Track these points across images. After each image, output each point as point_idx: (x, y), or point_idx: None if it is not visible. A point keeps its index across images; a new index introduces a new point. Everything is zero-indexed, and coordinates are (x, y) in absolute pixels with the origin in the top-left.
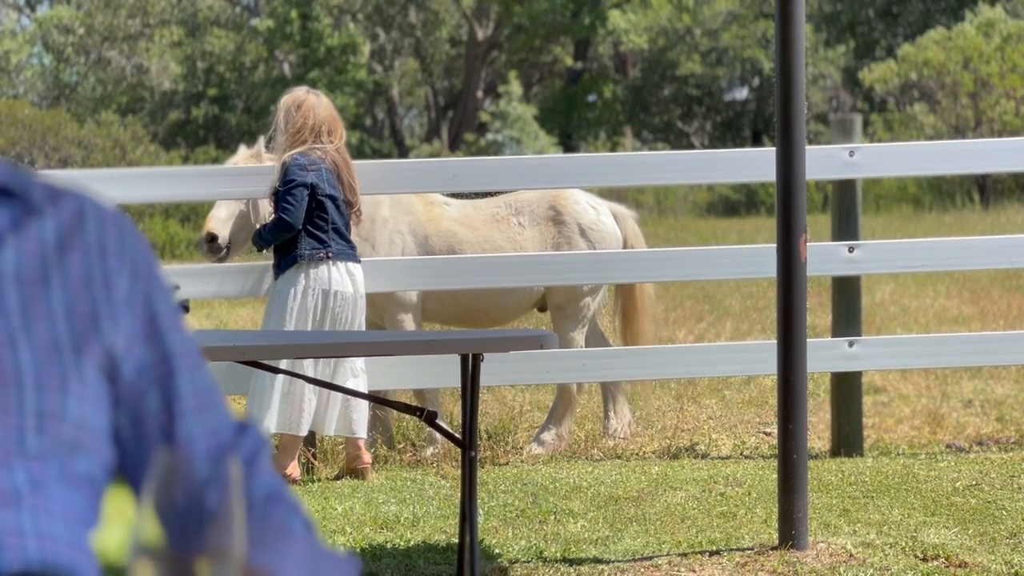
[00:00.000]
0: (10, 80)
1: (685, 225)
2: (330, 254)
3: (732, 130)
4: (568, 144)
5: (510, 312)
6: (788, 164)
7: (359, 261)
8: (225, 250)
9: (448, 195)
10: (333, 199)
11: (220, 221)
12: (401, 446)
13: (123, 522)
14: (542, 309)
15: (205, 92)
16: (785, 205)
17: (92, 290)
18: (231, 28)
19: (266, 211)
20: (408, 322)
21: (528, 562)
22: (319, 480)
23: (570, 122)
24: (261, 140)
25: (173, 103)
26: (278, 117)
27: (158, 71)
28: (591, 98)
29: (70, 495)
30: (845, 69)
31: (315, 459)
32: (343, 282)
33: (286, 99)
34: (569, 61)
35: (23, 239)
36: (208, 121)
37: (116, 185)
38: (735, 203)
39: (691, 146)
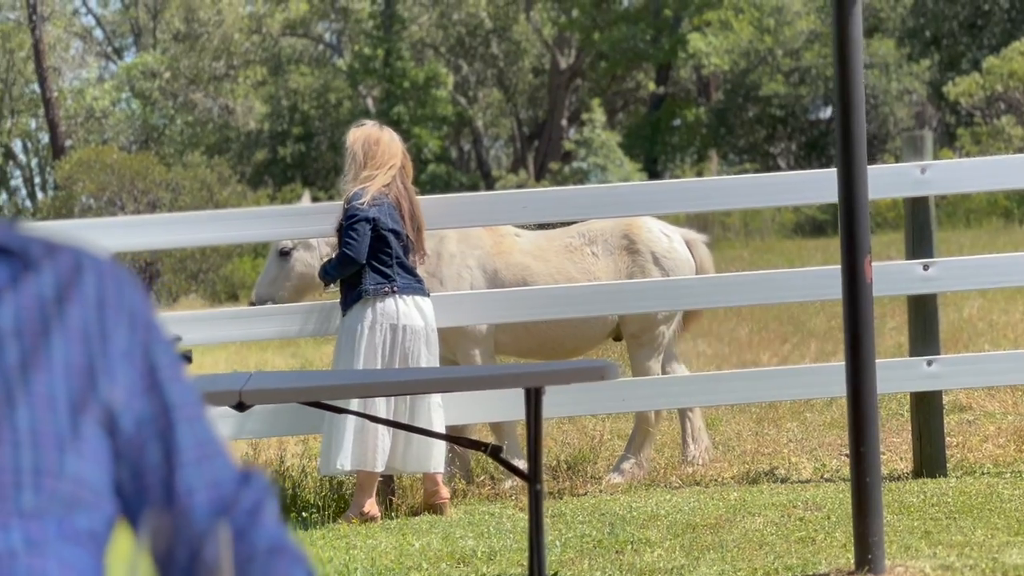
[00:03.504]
0: (99, 126)
1: (771, 246)
2: (395, 288)
3: (817, 149)
4: (653, 169)
5: (585, 342)
6: (850, 184)
7: (428, 295)
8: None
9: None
10: (396, 233)
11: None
12: (480, 479)
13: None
14: (617, 338)
15: (290, 130)
16: (848, 226)
17: (89, 344)
18: (314, 66)
19: (323, 250)
20: (479, 356)
21: None
22: (398, 516)
23: (655, 147)
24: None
25: (259, 142)
26: (354, 151)
27: (243, 111)
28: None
29: (70, 552)
30: (930, 83)
31: (393, 495)
32: (411, 315)
33: (358, 135)
34: (652, 86)
35: (21, 295)
36: (295, 159)
37: (163, 230)
38: (821, 223)
39: (777, 167)
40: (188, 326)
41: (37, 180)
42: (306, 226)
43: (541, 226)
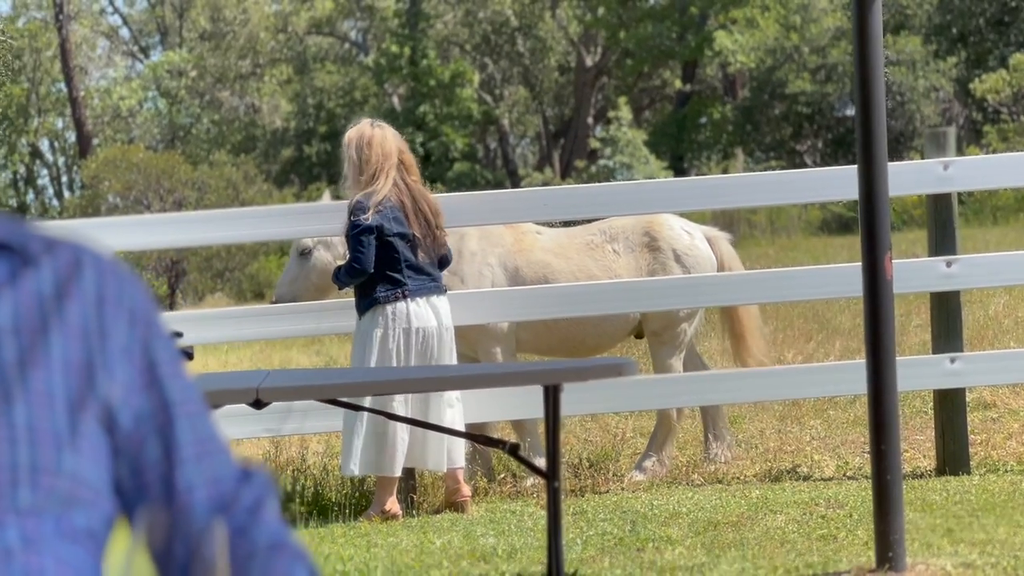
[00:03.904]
0: (125, 125)
1: (797, 244)
2: (406, 292)
3: (844, 147)
4: (679, 167)
5: (606, 340)
6: (870, 181)
7: (443, 291)
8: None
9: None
10: (402, 236)
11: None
12: (501, 477)
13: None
14: (639, 336)
15: (316, 129)
16: (869, 222)
17: (88, 340)
18: (339, 64)
19: (340, 251)
20: (500, 354)
21: None
22: (419, 514)
23: (681, 145)
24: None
25: (285, 141)
26: (349, 154)
27: (269, 110)
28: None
29: (68, 550)
30: (957, 80)
31: (415, 493)
32: (425, 317)
33: (351, 136)
34: (678, 84)
35: (20, 292)
36: (320, 158)
37: (184, 228)
38: (848, 220)
39: (803, 165)
40: (210, 324)
41: (64, 179)
42: (326, 224)
43: (566, 224)
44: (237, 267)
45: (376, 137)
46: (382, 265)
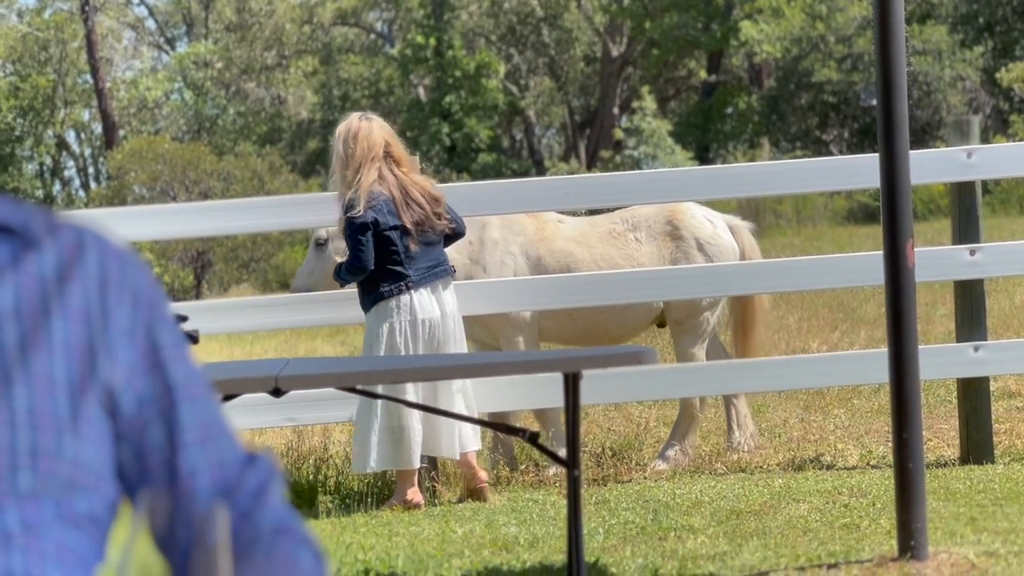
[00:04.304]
0: (151, 116)
1: (822, 233)
2: (410, 284)
3: (870, 136)
4: (705, 157)
5: (629, 329)
6: (891, 168)
7: (450, 275)
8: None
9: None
10: (399, 228)
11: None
12: (524, 466)
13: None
14: (661, 325)
15: (341, 120)
16: (890, 210)
17: (90, 323)
18: (365, 55)
19: (341, 246)
20: (522, 343)
21: None
22: (441, 504)
23: (706, 135)
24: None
25: (310, 132)
26: (336, 147)
27: (295, 101)
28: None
29: (69, 534)
30: (983, 70)
31: (436, 482)
32: (429, 308)
33: (340, 130)
34: (703, 74)
35: (22, 274)
36: None
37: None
38: (874, 210)
39: (829, 154)
40: (234, 313)
41: (90, 170)
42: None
43: (592, 212)
44: (262, 257)
45: (363, 130)
46: (382, 259)
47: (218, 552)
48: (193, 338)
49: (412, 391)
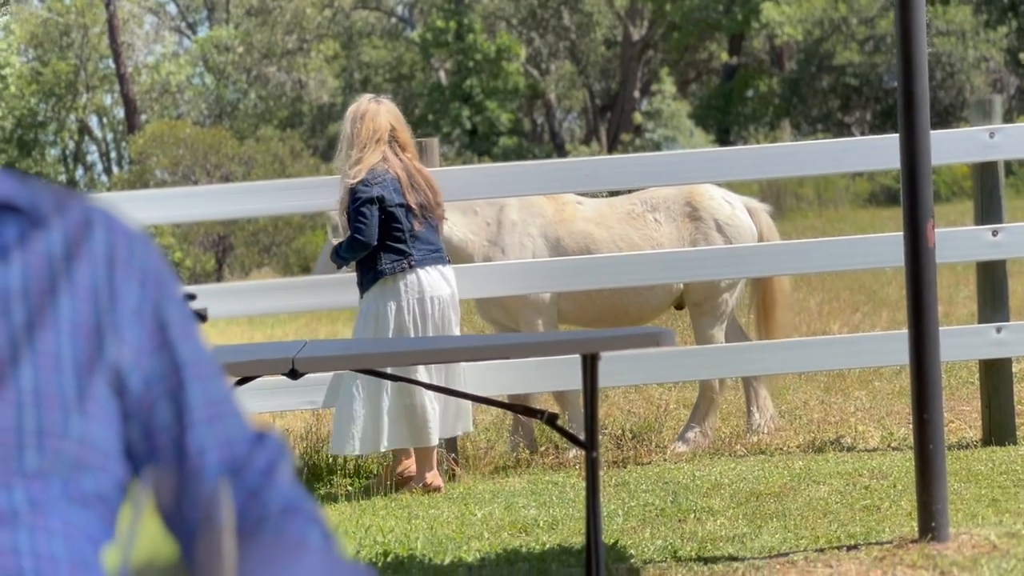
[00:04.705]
0: (173, 101)
1: (844, 216)
2: (413, 263)
3: (892, 119)
4: (725, 140)
5: (648, 311)
6: (912, 148)
7: (447, 262)
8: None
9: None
10: (403, 207)
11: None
12: (543, 449)
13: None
14: (680, 307)
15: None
16: (911, 190)
17: (97, 302)
18: (386, 39)
19: (342, 226)
20: (542, 325)
21: (662, 562)
22: (462, 486)
23: (727, 118)
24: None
25: (331, 116)
26: (344, 127)
27: (316, 85)
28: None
29: (76, 513)
30: (1007, 51)
31: (457, 465)
32: (437, 285)
33: (349, 111)
34: (724, 57)
35: (29, 253)
36: None
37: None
38: (896, 192)
39: (851, 136)
40: (256, 296)
41: (113, 155)
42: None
43: (612, 194)
44: (284, 241)
45: (370, 111)
46: (385, 236)
47: (223, 529)
48: (202, 316)
49: (424, 371)
